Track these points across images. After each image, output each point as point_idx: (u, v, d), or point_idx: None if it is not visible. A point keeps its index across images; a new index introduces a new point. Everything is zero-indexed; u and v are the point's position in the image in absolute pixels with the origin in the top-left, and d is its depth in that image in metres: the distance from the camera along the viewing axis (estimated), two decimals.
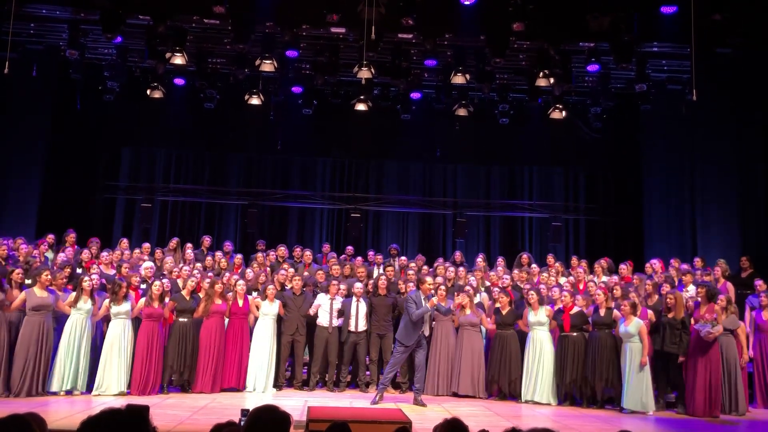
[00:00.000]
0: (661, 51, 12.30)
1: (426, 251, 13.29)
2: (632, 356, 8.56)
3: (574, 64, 12.26)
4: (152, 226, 14.12)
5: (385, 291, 9.85)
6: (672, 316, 8.70)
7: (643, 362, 8.48)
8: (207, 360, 9.04)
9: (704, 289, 8.87)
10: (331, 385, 9.74)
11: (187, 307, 9.02)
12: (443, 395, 9.41)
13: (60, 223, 11.34)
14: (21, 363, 8.07)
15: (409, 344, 8.55)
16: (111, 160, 14.58)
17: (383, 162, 15.35)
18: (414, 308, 8.46)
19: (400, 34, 11.62)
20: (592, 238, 14.82)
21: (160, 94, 12.86)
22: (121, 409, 2.31)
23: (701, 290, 8.91)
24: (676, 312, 8.70)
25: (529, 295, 9.28)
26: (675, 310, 8.71)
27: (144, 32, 11.64)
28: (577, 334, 8.98)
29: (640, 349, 8.56)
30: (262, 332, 9.44)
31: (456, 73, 12.05)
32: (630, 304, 8.64)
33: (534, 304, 9.16)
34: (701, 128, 12.87)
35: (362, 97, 12.93)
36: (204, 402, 8.24)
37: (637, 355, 8.54)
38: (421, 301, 8.51)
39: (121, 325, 8.61)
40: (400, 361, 8.77)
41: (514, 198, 15.26)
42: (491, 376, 9.37)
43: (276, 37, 11.74)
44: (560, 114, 13.01)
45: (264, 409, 2.99)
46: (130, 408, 2.33)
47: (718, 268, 10.04)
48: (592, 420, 8.02)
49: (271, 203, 14.81)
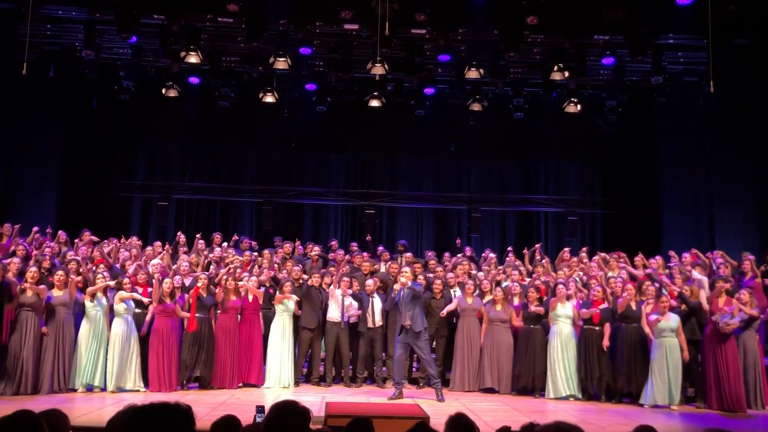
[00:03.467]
0: (677, 43, 12.18)
1: (440, 247, 13.27)
2: (667, 351, 8.43)
3: (589, 57, 12.18)
4: (168, 224, 14.22)
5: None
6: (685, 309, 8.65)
7: (685, 357, 8.43)
8: (224, 356, 9.10)
9: (726, 283, 8.79)
10: (348, 380, 9.76)
11: (202, 304, 9.07)
12: (472, 391, 9.40)
13: (77, 221, 11.45)
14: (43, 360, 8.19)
15: (401, 339, 8.58)
16: (127, 159, 14.72)
17: (397, 158, 15.35)
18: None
19: (414, 29, 11.59)
20: (608, 232, 14.72)
21: (174, 93, 12.93)
22: (169, 404, 2.31)
23: (724, 284, 8.82)
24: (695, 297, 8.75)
25: (558, 288, 9.24)
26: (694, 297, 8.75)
27: (158, 31, 11.72)
28: (599, 329, 8.94)
29: (677, 345, 8.46)
30: (279, 328, 9.47)
31: (470, 67, 12.01)
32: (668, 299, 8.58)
33: (562, 297, 9.12)
34: (718, 120, 12.73)
35: (376, 94, 12.94)
36: (223, 398, 8.29)
37: (674, 351, 8.42)
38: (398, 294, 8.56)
39: (126, 322, 8.65)
40: (399, 356, 8.77)
41: (529, 193, 15.20)
42: (517, 371, 9.35)
43: (289, 34, 11.76)
44: (575, 108, 12.93)
45: (284, 404, 3.00)
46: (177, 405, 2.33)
47: (747, 262, 9.86)
48: (611, 415, 7.98)
49: (286, 200, 14.87)
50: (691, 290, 8.88)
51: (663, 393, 8.41)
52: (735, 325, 8.35)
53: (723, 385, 8.33)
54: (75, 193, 13.28)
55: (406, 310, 8.50)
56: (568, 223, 14.18)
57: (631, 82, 13.18)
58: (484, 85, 13.15)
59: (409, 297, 8.56)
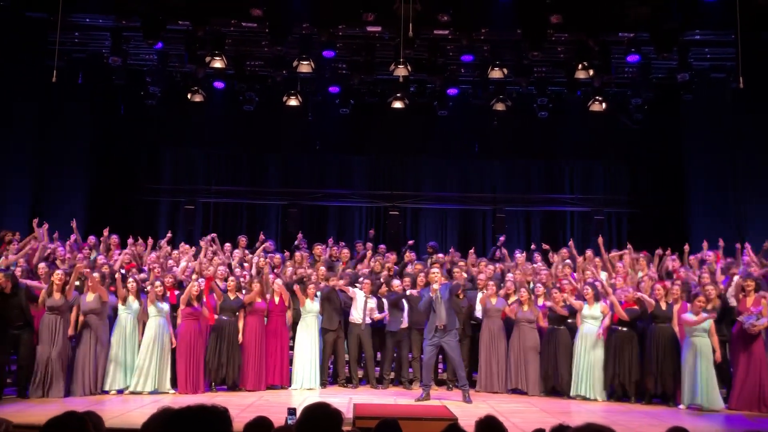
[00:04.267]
0: (703, 39, 12.03)
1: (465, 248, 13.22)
2: (699, 351, 8.31)
3: (613, 54, 12.07)
4: (194, 227, 14.37)
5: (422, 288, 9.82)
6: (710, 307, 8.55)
7: (717, 358, 8.30)
8: (252, 358, 9.17)
9: (753, 282, 8.66)
10: (374, 382, 9.78)
11: (228, 306, 9.15)
12: (499, 392, 9.38)
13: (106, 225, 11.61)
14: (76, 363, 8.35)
15: (432, 340, 8.54)
16: (153, 163, 14.91)
17: (421, 159, 15.34)
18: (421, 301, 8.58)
19: (436, 30, 11.60)
20: (635, 231, 14.55)
21: (200, 98, 13.07)
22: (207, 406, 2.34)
23: (750, 283, 8.70)
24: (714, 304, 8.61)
25: (585, 289, 9.17)
26: (713, 303, 8.63)
27: (183, 37, 11.86)
28: (628, 329, 8.85)
29: (709, 345, 8.33)
30: (305, 330, 9.53)
31: (493, 67, 11.98)
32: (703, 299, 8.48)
33: (590, 298, 9.05)
34: (746, 117, 12.53)
35: (399, 95, 12.94)
36: (251, 400, 8.35)
37: (705, 351, 8.30)
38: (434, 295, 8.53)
39: (158, 324, 8.76)
40: (429, 358, 8.74)
41: (554, 192, 15.10)
42: (544, 372, 9.30)
43: (312, 37, 11.82)
44: (600, 106, 12.83)
45: (316, 406, 3.02)
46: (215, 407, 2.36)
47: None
48: (641, 416, 7.90)
49: (310, 203, 14.95)
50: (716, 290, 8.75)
51: (697, 393, 8.29)
52: (762, 326, 8.21)
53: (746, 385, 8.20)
54: (102, 197, 13.50)
55: (443, 311, 8.50)
56: (595, 222, 14.05)
57: (656, 79, 13.03)
58: (507, 84, 13.09)
59: (446, 296, 8.56)
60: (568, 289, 9.50)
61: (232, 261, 10.80)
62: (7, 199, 12.08)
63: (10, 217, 11.81)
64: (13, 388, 8.33)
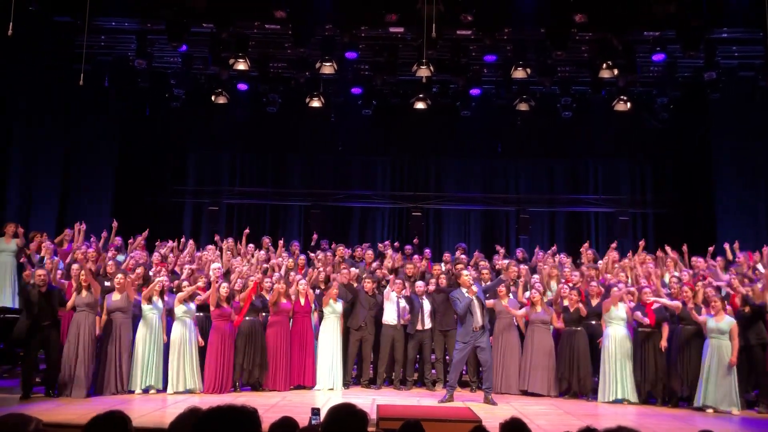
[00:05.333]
0: (731, 37, 11.83)
1: (489, 249, 13.16)
2: (719, 353, 8.21)
3: (638, 53, 11.94)
4: (219, 228, 14.47)
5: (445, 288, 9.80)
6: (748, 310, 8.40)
7: (732, 362, 8.14)
8: (277, 358, 9.21)
9: None
10: (398, 383, 9.76)
11: (254, 307, 9.20)
12: (513, 393, 9.31)
13: (131, 226, 11.75)
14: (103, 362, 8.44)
15: (466, 341, 8.48)
16: (178, 165, 15.04)
17: (444, 159, 15.30)
18: (458, 304, 8.45)
19: (459, 30, 11.56)
20: (661, 232, 14.36)
21: (224, 100, 13.16)
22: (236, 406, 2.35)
23: None
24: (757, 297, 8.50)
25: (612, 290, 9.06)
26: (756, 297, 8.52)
27: (207, 40, 11.96)
28: (657, 331, 8.74)
29: (729, 348, 8.20)
30: (329, 330, 9.55)
31: (516, 67, 11.92)
32: (721, 300, 8.34)
33: (615, 299, 8.95)
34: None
35: (421, 96, 12.92)
36: (275, 400, 8.39)
37: (726, 353, 8.18)
38: (464, 295, 8.46)
39: (185, 324, 8.84)
40: (461, 359, 8.69)
41: (579, 193, 14.96)
42: (560, 373, 9.21)
43: (335, 39, 11.85)
44: (625, 106, 12.69)
45: (341, 407, 3.01)
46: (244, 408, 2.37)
47: None
48: (668, 419, 7.79)
49: (333, 204, 14.98)
50: (753, 290, 8.60)
51: (720, 397, 8.17)
52: None
53: None
54: (128, 198, 13.64)
55: (478, 313, 8.45)
56: (620, 222, 13.89)
57: (682, 78, 12.87)
58: (531, 84, 13.01)
59: (483, 297, 8.54)
60: (595, 291, 9.40)
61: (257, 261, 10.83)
62: (34, 199, 12.29)
63: (38, 218, 12.00)
64: (41, 386, 8.44)
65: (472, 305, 8.43)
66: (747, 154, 12.97)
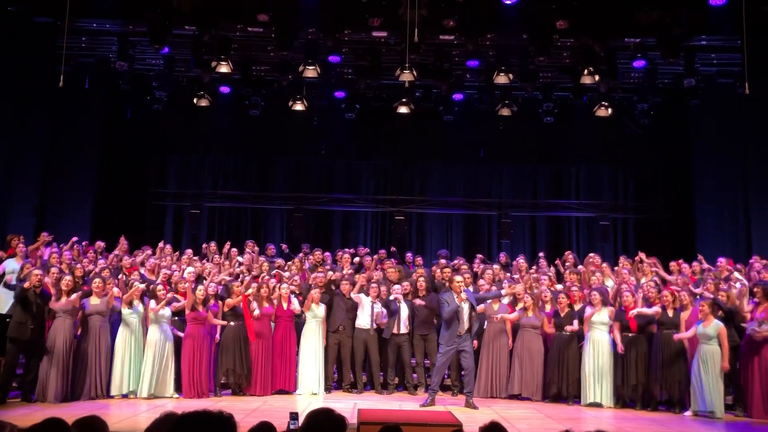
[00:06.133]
0: (710, 44, 12.01)
1: (470, 253, 13.21)
2: (708, 359, 8.23)
3: (619, 60, 12.07)
4: (200, 232, 14.40)
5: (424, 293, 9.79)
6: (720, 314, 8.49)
7: (724, 367, 8.15)
8: (258, 363, 9.16)
9: (761, 288, 8.61)
10: (379, 387, 9.75)
11: (234, 311, 9.14)
12: (499, 398, 9.33)
13: (112, 229, 11.66)
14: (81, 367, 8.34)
15: (450, 345, 8.50)
16: (160, 168, 14.95)
17: (426, 164, 15.35)
18: (446, 307, 8.48)
19: (442, 35, 11.62)
20: (641, 237, 14.51)
21: (206, 103, 13.11)
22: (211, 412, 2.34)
23: (757, 289, 8.65)
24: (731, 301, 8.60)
25: (592, 295, 9.13)
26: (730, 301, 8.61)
27: (190, 42, 11.90)
28: (639, 335, 8.80)
29: (718, 353, 8.21)
30: (310, 335, 9.52)
31: (499, 72, 11.99)
32: (709, 305, 8.41)
33: (597, 304, 9.01)
34: (754, 122, 12.50)
35: (404, 100, 12.96)
36: (256, 405, 8.34)
37: (714, 358, 8.20)
38: (453, 299, 8.48)
39: (161, 328, 8.77)
40: (444, 363, 8.70)
41: (560, 197, 15.08)
42: (549, 378, 9.25)
43: (318, 42, 11.85)
44: (606, 111, 12.81)
45: (319, 412, 3.01)
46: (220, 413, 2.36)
47: None
48: (647, 423, 7.85)
49: (316, 207, 14.96)
50: (728, 295, 8.69)
51: (702, 400, 8.24)
52: (764, 334, 8.15)
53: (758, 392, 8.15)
54: (109, 201, 13.53)
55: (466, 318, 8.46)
56: (600, 227, 14.01)
57: (663, 84, 13.03)
58: (513, 89, 13.09)
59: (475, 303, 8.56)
60: (577, 295, 9.46)
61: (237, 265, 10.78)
62: (13, 201, 12.14)
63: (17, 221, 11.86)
64: (18, 391, 8.33)
65: (460, 311, 8.46)
66: (726, 161, 13.13)
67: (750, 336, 8.25)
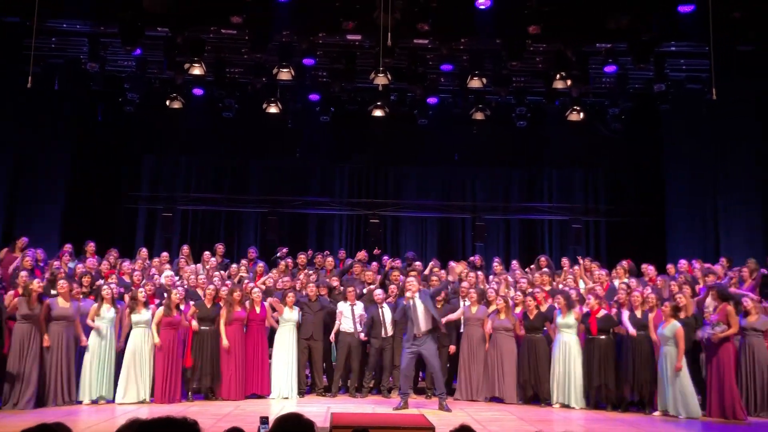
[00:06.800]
0: (679, 50, 12.18)
1: (445, 256, 13.26)
2: (668, 360, 8.38)
3: (591, 65, 12.19)
4: (174, 235, 14.26)
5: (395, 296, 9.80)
6: (682, 316, 8.63)
7: (677, 367, 8.28)
8: (230, 367, 9.09)
9: (716, 291, 8.77)
10: (353, 391, 9.74)
11: (208, 315, 9.08)
12: (478, 400, 9.37)
13: (83, 232, 11.49)
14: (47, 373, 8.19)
15: (409, 347, 8.54)
16: (132, 171, 14.77)
17: (401, 167, 15.39)
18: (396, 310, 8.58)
19: (416, 39, 11.65)
20: (613, 239, 14.69)
21: (179, 105, 12.99)
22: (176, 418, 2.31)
23: (713, 292, 8.82)
24: (686, 311, 8.68)
25: (557, 298, 9.21)
26: (684, 310, 8.69)
27: (162, 44, 11.75)
28: (604, 337, 8.89)
29: (675, 353, 8.36)
30: (283, 339, 9.48)
31: (472, 77, 12.04)
32: (671, 307, 8.51)
33: (563, 307, 9.09)
34: (723, 127, 12.71)
35: (379, 104, 12.97)
36: (228, 409, 8.28)
37: (674, 359, 8.35)
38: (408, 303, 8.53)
39: (142, 334, 8.68)
40: (407, 365, 8.69)
41: (533, 201, 15.20)
42: (522, 380, 9.31)
43: (293, 45, 11.81)
44: (578, 116, 12.95)
45: (288, 416, 2.99)
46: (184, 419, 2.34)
47: (746, 268, 9.87)
48: (618, 424, 7.94)
49: (291, 210, 14.89)
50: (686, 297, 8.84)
51: (668, 401, 8.36)
52: (720, 334, 8.29)
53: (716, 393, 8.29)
54: (80, 204, 13.32)
55: (419, 319, 8.47)
56: (573, 230, 14.15)
57: (634, 89, 13.20)
58: (486, 94, 13.17)
59: (421, 304, 8.53)
60: (541, 297, 9.56)
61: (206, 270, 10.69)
62: None
63: None
64: None
65: (411, 311, 8.48)
66: (696, 165, 13.34)
67: (709, 338, 8.40)
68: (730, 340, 8.42)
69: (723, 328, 8.29)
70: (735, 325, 8.43)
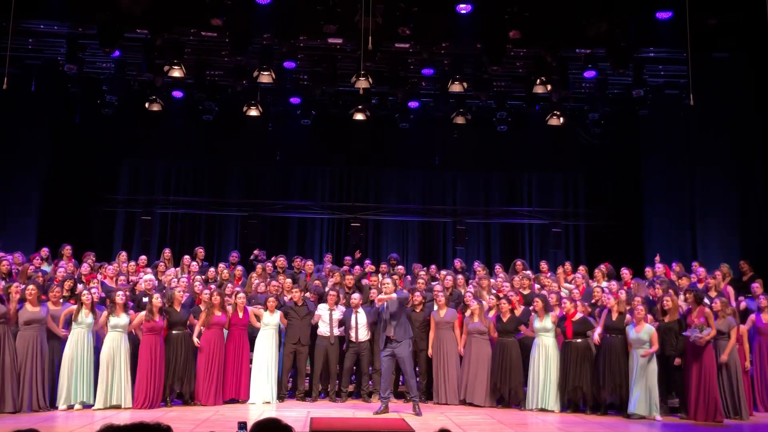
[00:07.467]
0: (657, 56, 12.33)
1: (426, 259, 13.29)
2: (641, 362, 8.48)
3: (571, 70, 12.29)
4: (152, 238, 14.13)
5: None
6: (668, 320, 8.71)
7: (643, 354, 8.40)
8: (209, 372, 9.01)
9: (692, 294, 8.88)
10: (334, 395, 9.70)
11: (178, 320, 8.98)
12: (452, 404, 9.36)
13: (59, 236, 11.34)
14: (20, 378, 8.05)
15: (384, 351, 8.58)
16: (110, 174, 14.63)
17: (382, 171, 15.41)
18: None
19: (398, 43, 11.66)
20: (593, 243, 14.81)
21: (158, 107, 12.89)
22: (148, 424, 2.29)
23: (689, 295, 8.93)
24: (671, 315, 8.75)
25: (535, 301, 9.25)
26: (670, 314, 8.77)
27: (142, 46, 11.67)
28: (581, 341, 8.95)
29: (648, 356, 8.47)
30: (264, 343, 9.42)
31: (453, 81, 12.10)
32: (645, 310, 8.60)
33: (540, 310, 9.14)
34: (700, 132, 12.89)
35: (360, 107, 12.98)
36: (206, 414, 8.21)
37: (643, 361, 8.44)
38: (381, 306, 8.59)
39: (118, 338, 8.58)
40: (386, 369, 8.69)
41: (514, 205, 15.29)
42: (494, 383, 9.33)
43: (273, 48, 11.77)
44: (558, 120, 13.04)
45: (266, 422, 2.98)
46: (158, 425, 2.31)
47: (719, 272, 10.03)
48: (596, 427, 7.99)
49: (271, 214, 14.83)
50: (672, 300, 8.93)
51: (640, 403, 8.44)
52: (706, 337, 8.39)
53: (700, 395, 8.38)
54: (58, 207, 13.17)
55: (391, 321, 8.48)
56: (552, 234, 14.24)
57: (613, 94, 13.33)
58: (467, 98, 13.23)
59: (395, 307, 8.53)
60: (515, 300, 9.62)
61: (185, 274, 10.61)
62: None
63: None
64: None
65: (383, 314, 8.54)
66: (674, 170, 13.52)
67: (693, 342, 8.48)
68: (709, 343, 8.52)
69: (708, 330, 8.39)
70: (714, 327, 8.54)
